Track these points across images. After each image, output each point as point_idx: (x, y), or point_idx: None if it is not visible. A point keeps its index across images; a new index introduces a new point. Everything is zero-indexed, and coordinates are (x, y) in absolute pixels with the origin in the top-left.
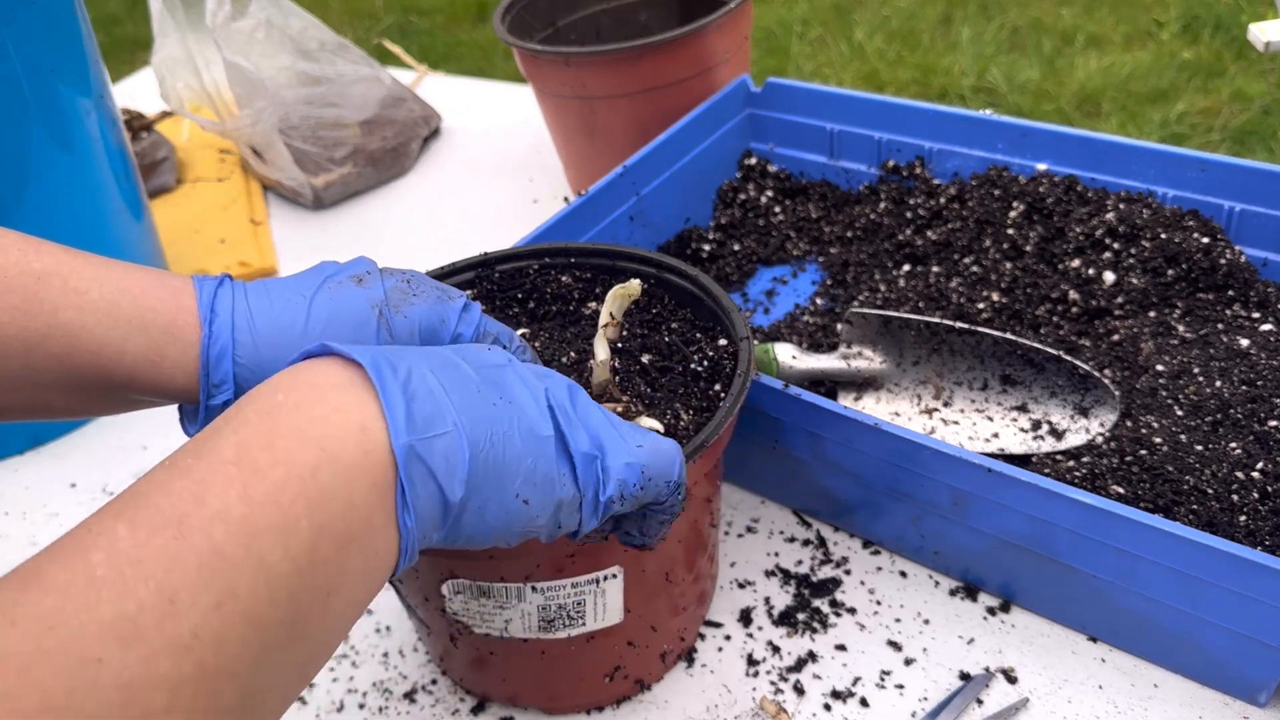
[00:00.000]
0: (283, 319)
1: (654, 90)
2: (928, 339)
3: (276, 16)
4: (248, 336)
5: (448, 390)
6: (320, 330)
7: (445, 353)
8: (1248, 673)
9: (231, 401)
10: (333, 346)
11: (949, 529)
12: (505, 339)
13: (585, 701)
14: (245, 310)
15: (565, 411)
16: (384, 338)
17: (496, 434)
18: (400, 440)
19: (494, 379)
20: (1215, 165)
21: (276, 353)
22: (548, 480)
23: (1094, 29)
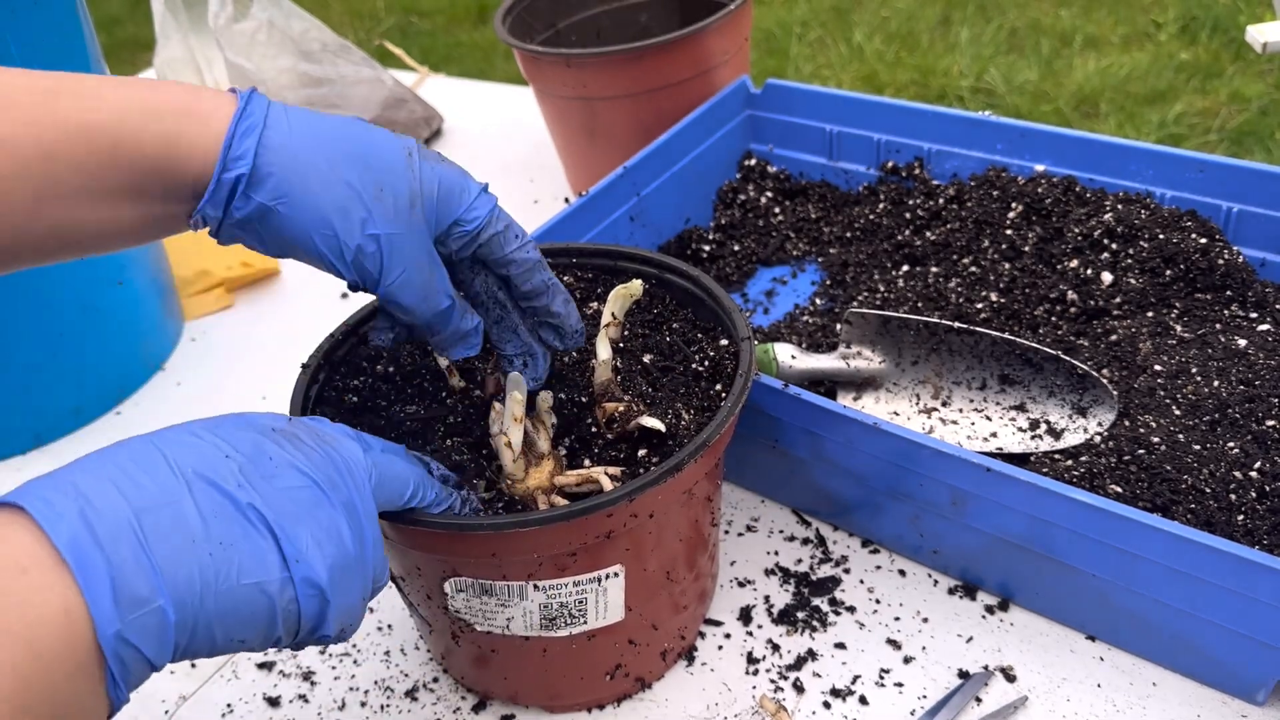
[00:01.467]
0: (321, 128)
1: (654, 91)
2: (926, 339)
3: (278, 18)
4: (282, 127)
5: (157, 546)
6: (350, 150)
7: (161, 469)
8: (1246, 671)
9: (244, 177)
10: (29, 508)
11: (948, 528)
12: (518, 230)
13: (586, 699)
14: (282, 111)
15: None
16: (411, 180)
17: (209, 592)
18: (107, 630)
19: (213, 506)
20: (1213, 166)
21: (306, 149)
22: (268, 622)
23: (1092, 30)
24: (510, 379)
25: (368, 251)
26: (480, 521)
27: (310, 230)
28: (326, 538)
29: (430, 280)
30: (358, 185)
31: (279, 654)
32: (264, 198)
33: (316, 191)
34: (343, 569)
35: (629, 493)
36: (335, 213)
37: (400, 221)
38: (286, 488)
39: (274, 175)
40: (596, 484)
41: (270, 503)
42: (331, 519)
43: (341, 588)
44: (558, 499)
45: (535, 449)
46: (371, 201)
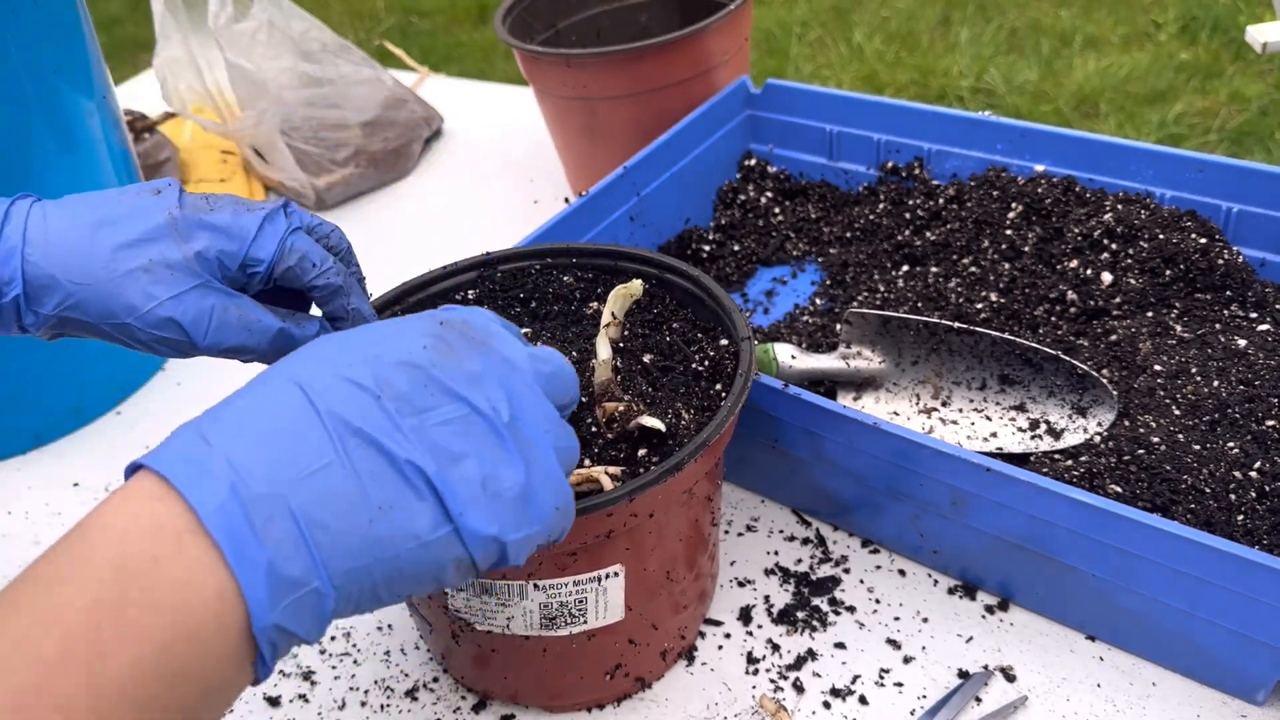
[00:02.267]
0: (78, 218)
1: (654, 91)
2: (926, 339)
3: (278, 18)
4: (40, 235)
5: (314, 529)
6: (110, 228)
7: (320, 447)
8: (1246, 671)
9: (20, 299)
10: (179, 485)
11: (948, 528)
12: (316, 258)
13: (586, 699)
14: (40, 215)
15: (463, 485)
16: (176, 242)
17: (372, 561)
18: (263, 621)
19: (372, 467)
20: (1213, 166)
21: (70, 250)
22: (433, 577)
23: (1092, 30)
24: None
25: (168, 334)
26: None
27: (108, 329)
28: (492, 477)
29: (243, 316)
30: (132, 264)
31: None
32: (51, 309)
33: (95, 292)
34: (516, 505)
35: (629, 492)
36: (121, 308)
37: (180, 283)
38: (445, 421)
39: (50, 289)
40: (597, 484)
41: (429, 448)
42: (496, 451)
43: (516, 523)
44: None
45: None
46: (147, 279)
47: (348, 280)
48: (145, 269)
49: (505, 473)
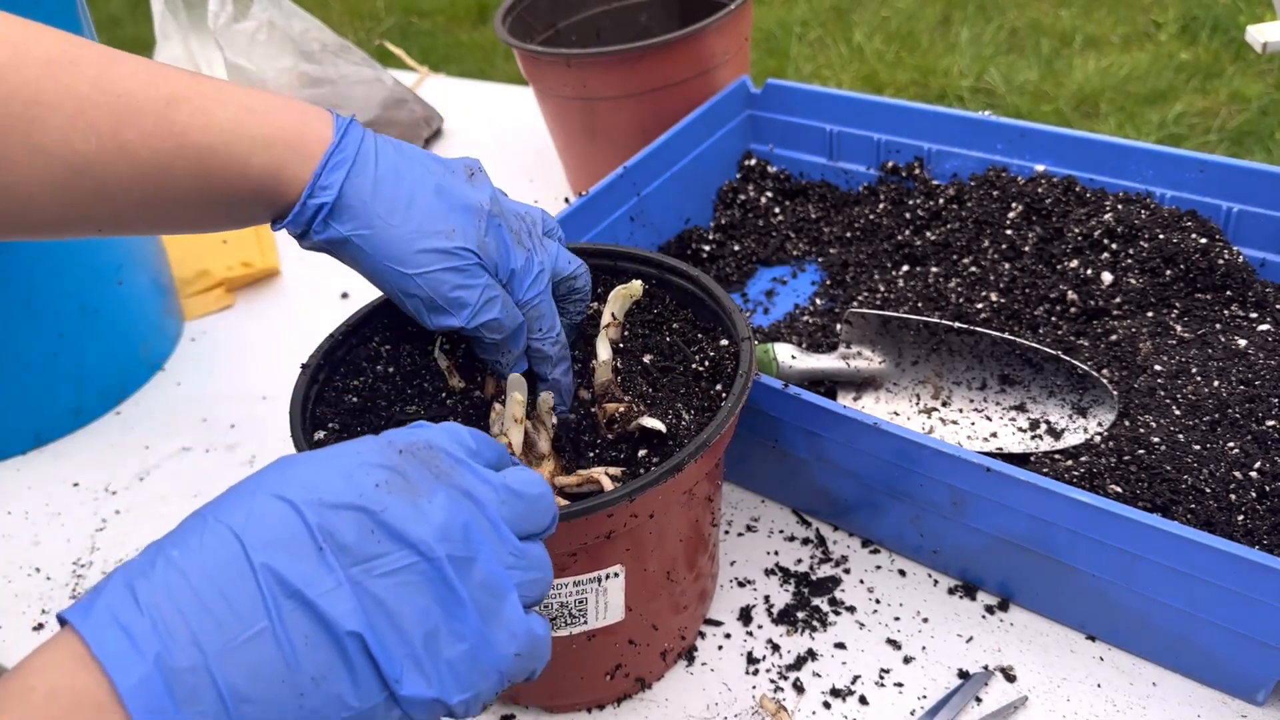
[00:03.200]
0: (406, 169)
1: (654, 91)
2: (926, 339)
3: (278, 18)
4: (371, 163)
5: (243, 702)
6: (434, 193)
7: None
8: (1246, 671)
9: (328, 206)
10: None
11: (948, 528)
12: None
13: (586, 699)
14: (373, 149)
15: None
16: (478, 233)
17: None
18: None
19: (306, 632)
20: (1213, 166)
21: (390, 195)
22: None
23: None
24: (510, 380)
25: (439, 291)
26: None
27: (385, 268)
28: (434, 635)
29: (505, 299)
30: (437, 231)
31: None
32: (344, 229)
33: (394, 231)
34: (461, 664)
35: (629, 493)
36: (409, 257)
37: (472, 255)
38: (391, 572)
39: (356, 207)
40: (597, 484)
41: (368, 606)
42: (442, 603)
43: (459, 686)
44: (559, 500)
45: (536, 450)
46: (448, 243)
47: (560, 353)
48: (447, 236)
49: (452, 628)
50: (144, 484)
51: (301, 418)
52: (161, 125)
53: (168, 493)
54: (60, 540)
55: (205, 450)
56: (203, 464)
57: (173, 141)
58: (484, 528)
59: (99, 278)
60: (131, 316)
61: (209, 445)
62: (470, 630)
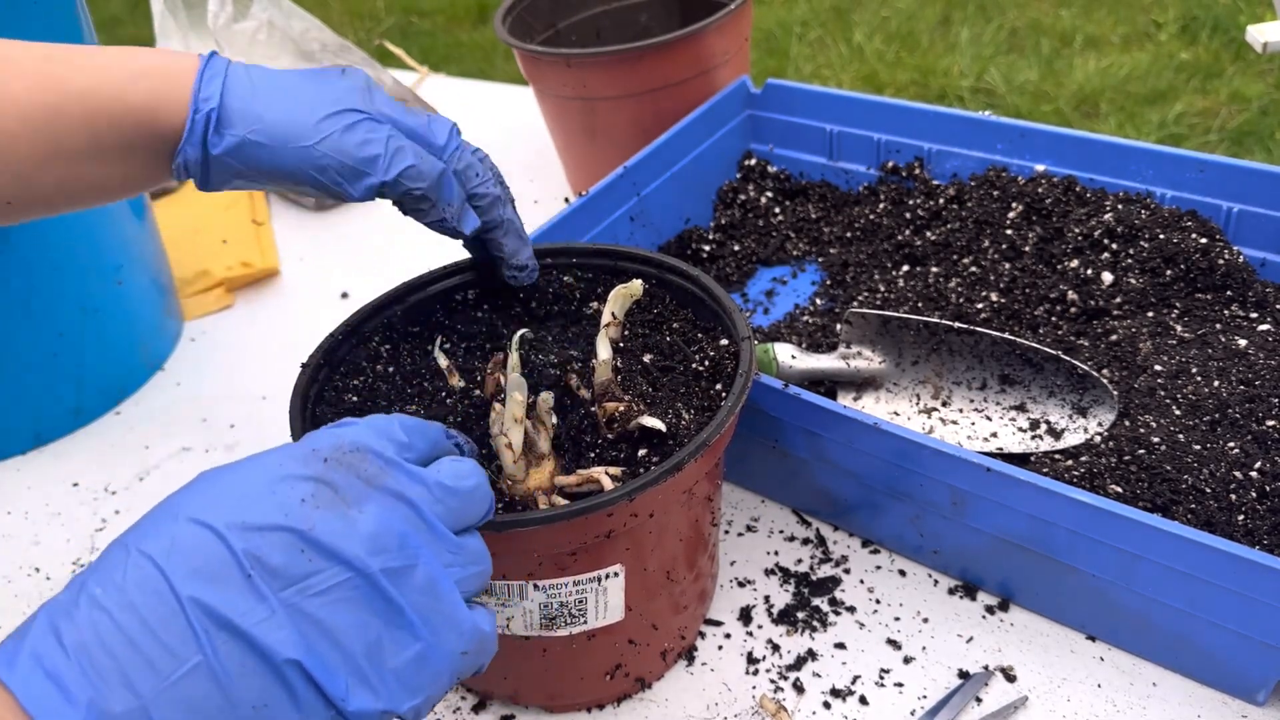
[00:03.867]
0: (276, 73)
1: (654, 91)
2: (927, 339)
3: (278, 18)
4: (242, 70)
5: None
6: (309, 80)
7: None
8: (1246, 671)
9: (214, 113)
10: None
11: (948, 528)
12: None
13: (586, 699)
14: (241, 65)
15: (340, 664)
16: (366, 102)
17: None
18: None
19: (245, 663)
20: (1213, 166)
21: (269, 89)
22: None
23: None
24: (511, 380)
25: (350, 155)
26: None
27: (289, 151)
28: (376, 647)
29: (415, 148)
30: (325, 102)
31: None
32: (238, 131)
33: (283, 114)
34: (407, 672)
35: (629, 492)
36: (308, 132)
37: (364, 117)
38: (324, 590)
39: (241, 108)
40: (597, 484)
41: (305, 628)
42: (381, 614)
43: (407, 694)
44: (558, 499)
45: (535, 449)
46: (337, 107)
47: (505, 191)
48: (335, 102)
49: (395, 637)
50: (144, 484)
51: (301, 417)
52: (41, 79)
53: (167, 493)
54: (60, 540)
55: (205, 450)
56: (202, 464)
57: (54, 92)
58: (420, 531)
59: (99, 278)
60: (131, 316)
61: (209, 445)
62: (414, 637)
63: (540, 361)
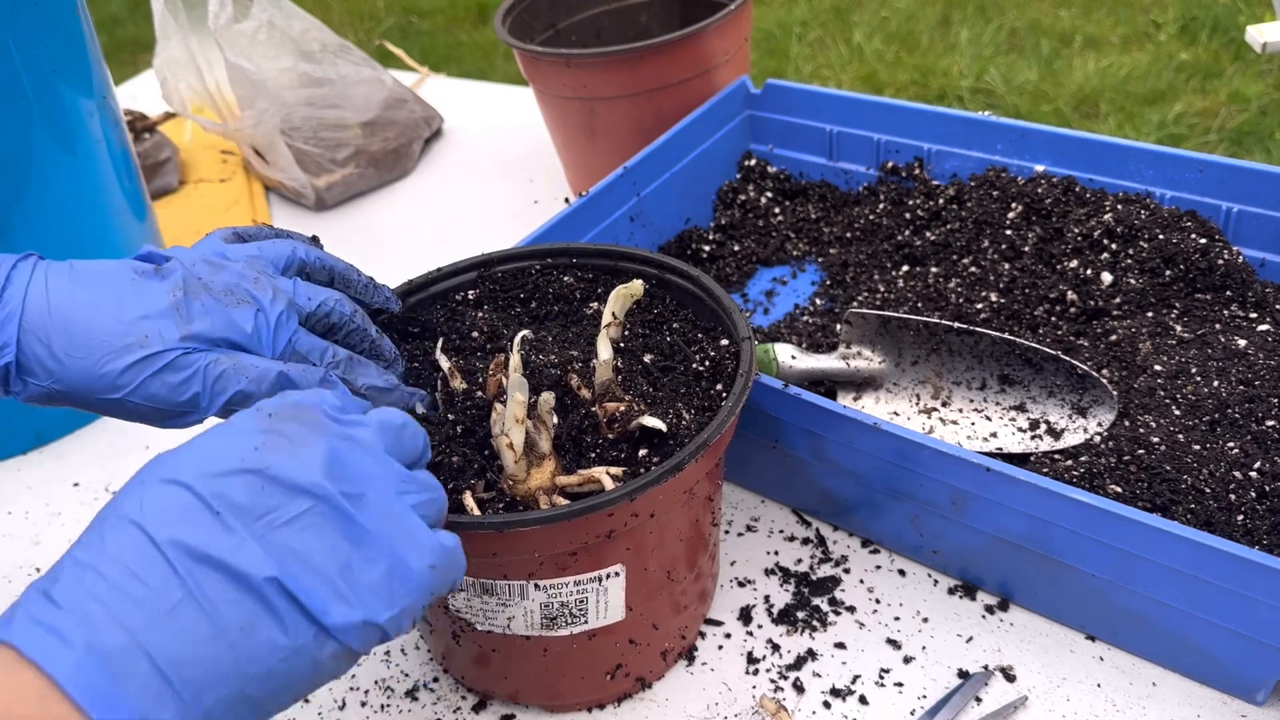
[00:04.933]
0: (77, 294)
1: (654, 91)
2: (926, 339)
3: (278, 18)
4: (40, 304)
5: (176, 672)
6: (111, 306)
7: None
8: (1245, 671)
9: (12, 367)
10: (27, 652)
11: (948, 528)
12: (316, 356)
13: (586, 699)
14: (42, 282)
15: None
16: (176, 323)
17: (245, 679)
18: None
19: (228, 594)
20: (1213, 166)
21: (67, 324)
22: (315, 674)
23: (1092, 30)
24: (512, 381)
25: (164, 400)
26: (482, 521)
27: (100, 403)
28: (347, 565)
29: (238, 365)
30: (129, 339)
31: None
32: (41, 380)
33: (85, 365)
34: (381, 584)
35: (630, 492)
36: (110, 385)
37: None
38: (290, 520)
39: (39, 354)
40: (598, 484)
41: (278, 553)
42: (348, 536)
43: (385, 603)
44: (559, 499)
45: (537, 450)
46: (145, 351)
47: (351, 369)
48: (141, 344)
49: (363, 555)
50: None
51: None
52: None
53: None
54: (60, 540)
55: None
56: None
57: None
58: (368, 462)
59: None
60: None
61: None
62: (380, 554)
63: (541, 362)
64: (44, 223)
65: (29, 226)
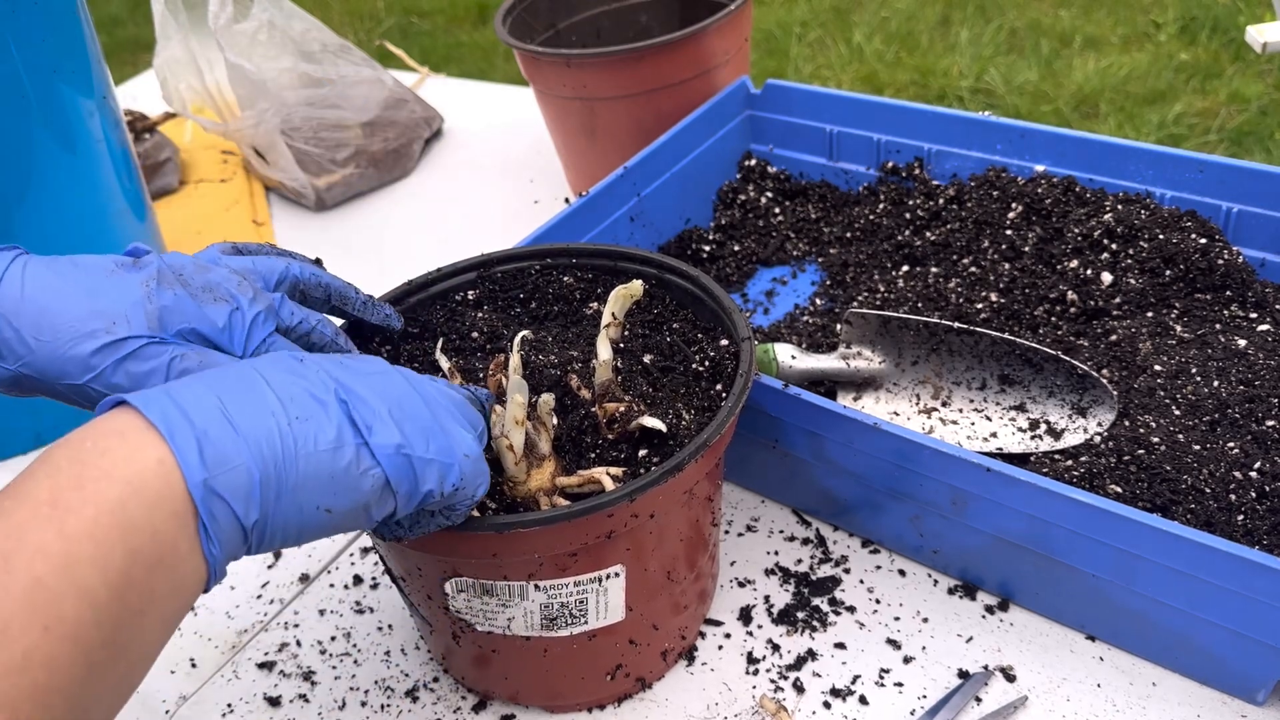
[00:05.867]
0: (52, 283)
1: (654, 91)
2: (926, 339)
3: (278, 18)
4: (14, 292)
5: (239, 419)
6: (84, 296)
7: (245, 370)
8: (1245, 671)
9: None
10: (128, 398)
11: (948, 528)
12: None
13: (587, 699)
14: (19, 272)
15: (369, 411)
16: (145, 312)
17: (289, 456)
18: (196, 478)
19: (292, 393)
20: (1213, 166)
21: (38, 313)
22: (350, 489)
23: (1092, 30)
24: (512, 382)
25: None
26: (482, 522)
27: (63, 390)
28: (397, 406)
29: (204, 359)
30: (96, 326)
31: (280, 654)
32: (9, 363)
33: (50, 349)
34: (420, 430)
35: (630, 493)
36: (77, 369)
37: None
38: (358, 372)
39: (9, 342)
40: (598, 484)
41: (340, 382)
42: (402, 391)
43: (422, 444)
44: (559, 500)
45: (537, 451)
46: (110, 337)
47: (334, 333)
48: (108, 330)
49: (411, 405)
50: None
51: None
52: None
53: None
54: None
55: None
56: None
57: None
58: (432, 385)
59: None
60: None
61: None
62: (426, 412)
63: (541, 362)
64: (44, 223)
65: (29, 226)
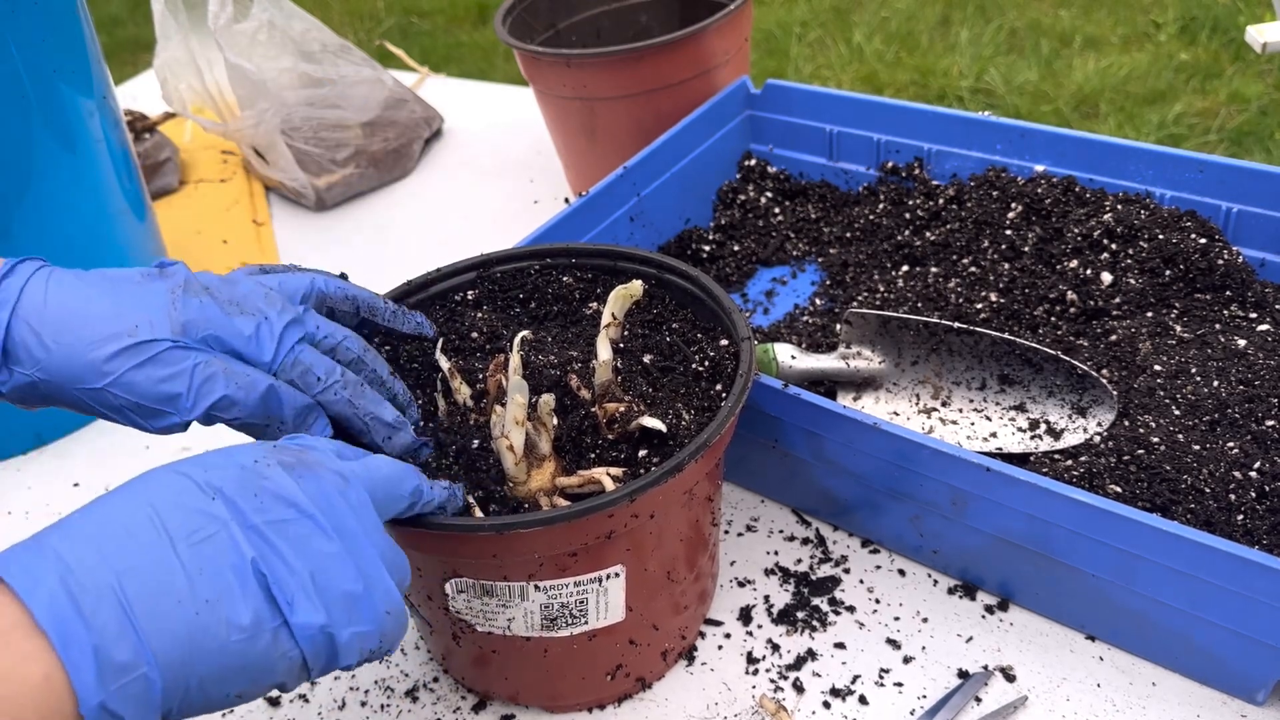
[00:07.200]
0: (77, 291)
1: (654, 91)
2: (926, 339)
3: (279, 18)
4: (37, 299)
5: (141, 613)
6: (107, 300)
7: (144, 525)
8: (1245, 671)
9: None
10: (4, 577)
11: (948, 528)
12: (321, 372)
13: (587, 699)
14: (43, 281)
15: (293, 583)
16: (169, 317)
17: (198, 653)
18: (90, 701)
19: (200, 564)
20: (1213, 166)
21: (62, 319)
22: (265, 672)
23: (1092, 30)
24: (512, 383)
25: (146, 393)
26: (482, 523)
27: (78, 394)
28: (321, 572)
29: (229, 369)
30: (120, 330)
31: None
32: (26, 369)
33: (71, 351)
34: (345, 601)
35: (630, 493)
36: (95, 373)
37: (161, 346)
38: (275, 522)
39: (30, 341)
40: (598, 485)
41: (257, 547)
42: (325, 550)
43: (346, 619)
44: (560, 500)
45: (537, 451)
46: (132, 340)
47: (358, 394)
48: (130, 334)
49: (336, 568)
50: None
51: None
52: None
53: None
54: None
55: (206, 450)
56: None
57: None
58: (356, 501)
59: None
60: None
61: (209, 445)
62: (350, 575)
63: (540, 362)
64: (44, 223)
65: (29, 226)
